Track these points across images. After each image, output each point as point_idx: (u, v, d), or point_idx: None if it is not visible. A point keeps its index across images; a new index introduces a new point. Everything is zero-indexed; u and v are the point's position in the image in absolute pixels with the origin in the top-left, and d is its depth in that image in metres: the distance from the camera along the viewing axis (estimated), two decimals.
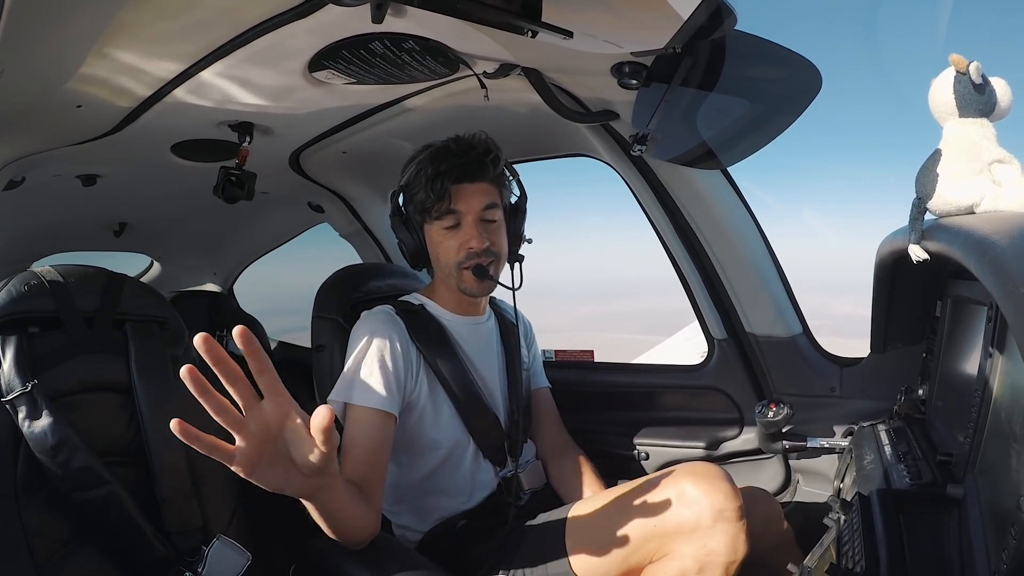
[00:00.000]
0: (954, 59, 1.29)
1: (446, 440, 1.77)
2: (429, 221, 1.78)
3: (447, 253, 1.78)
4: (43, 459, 1.44)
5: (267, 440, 1.07)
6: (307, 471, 1.11)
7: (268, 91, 1.69)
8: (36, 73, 1.46)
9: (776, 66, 1.54)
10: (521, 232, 1.90)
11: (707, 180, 1.95)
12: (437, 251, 1.80)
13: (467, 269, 1.77)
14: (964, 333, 1.47)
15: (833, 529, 1.25)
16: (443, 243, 1.78)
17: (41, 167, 2.03)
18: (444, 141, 1.78)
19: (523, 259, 1.88)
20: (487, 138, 1.80)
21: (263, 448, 1.07)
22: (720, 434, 2.23)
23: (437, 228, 1.78)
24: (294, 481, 1.12)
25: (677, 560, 1.44)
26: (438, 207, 1.74)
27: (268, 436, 1.07)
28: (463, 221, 1.76)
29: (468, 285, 1.80)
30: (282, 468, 1.10)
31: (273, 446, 1.08)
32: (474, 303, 1.90)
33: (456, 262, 1.77)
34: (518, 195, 1.90)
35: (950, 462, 1.30)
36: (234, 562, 1.59)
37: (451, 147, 1.76)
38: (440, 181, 1.72)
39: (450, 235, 1.77)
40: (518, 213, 1.89)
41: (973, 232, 1.05)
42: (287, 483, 1.12)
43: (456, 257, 1.77)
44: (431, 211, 1.76)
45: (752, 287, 2.08)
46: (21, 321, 1.56)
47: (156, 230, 3.27)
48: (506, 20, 1.19)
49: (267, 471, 1.09)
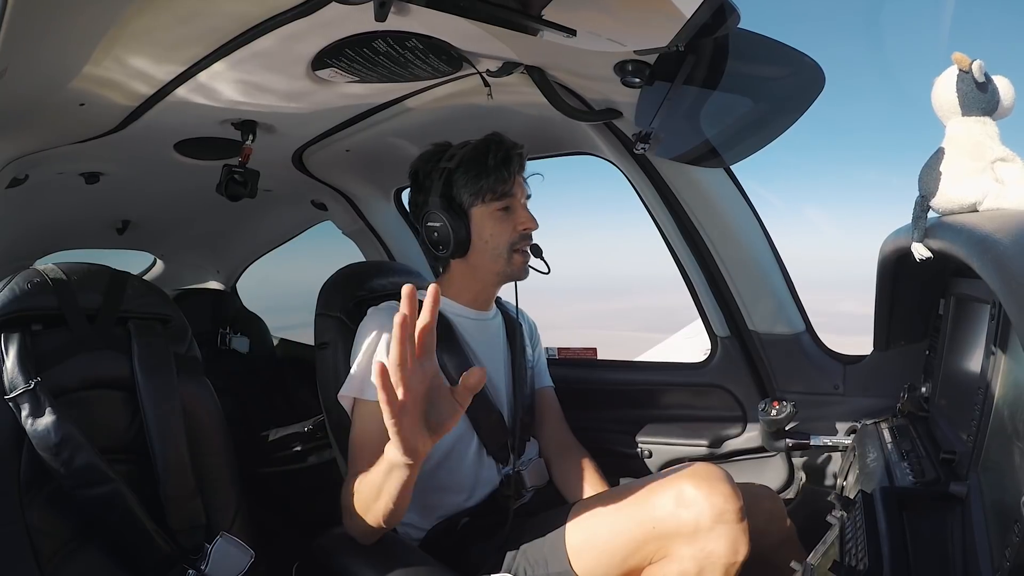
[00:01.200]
0: (957, 57, 1.29)
1: (450, 435, 1.77)
2: (483, 203, 1.81)
3: (500, 235, 1.82)
4: (46, 457, 1.44)
5: (422, 394, 1.20)
6: (435, 431, 1.24)
7: (271, 89, 1.70)
8: (39, 72, 1.46)
9: (779, 64, 1.54)
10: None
11: (710, 178, 1.95)
12: (487, 234, 1.82)
13: (518, 251, 1.84)
14: (967, 331, 1.47)
15: (836, 527, 1.25)
16: (497, 226, 1.82)
17: (44, 165, 2.04)
18: (488, 134, 1.85)
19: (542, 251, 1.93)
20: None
21: (417, 402, 1.19)
22: (723, 432, 2.23)
23: (491, 210, 1.82)
24: (422, 439, 1.23)
25: (676, 562, 1.44)
26: (501, 189, 1.80)
27: (423, 391, 1.20)
28: (515, 206, 1.84)
29: (516, 267, 1.85)
30: (418, 425, 1.22)
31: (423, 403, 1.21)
32: (489, 297, 1.95)
33: (510, 242, 1.83)
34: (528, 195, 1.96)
35: (953, 460, 1.30)
36: (237, 560, 1.60)
37: (502, 139, 1.84)
38: (508, 165, 1.80)
39: (503, 218, 1.82)
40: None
41: (976, 230, 1.05)
42: (416, 440, 1.23)
43: (510, 238, 1.83)
44: (493, 193, 1.80)
45: (755, 285, 2.08)
46: (24, 319, 1.56)
47: (159, 228, 3.27)
48: (509, 18, 1.19)
49: (410, 425, 1.20)
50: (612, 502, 1.57)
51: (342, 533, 1.59)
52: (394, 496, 1.37)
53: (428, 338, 1.16)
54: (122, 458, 1.59)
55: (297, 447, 2.81)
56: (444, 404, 1.22)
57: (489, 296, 1.95)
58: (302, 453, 2.80)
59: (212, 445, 1.73)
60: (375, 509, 1.42)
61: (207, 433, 1.72)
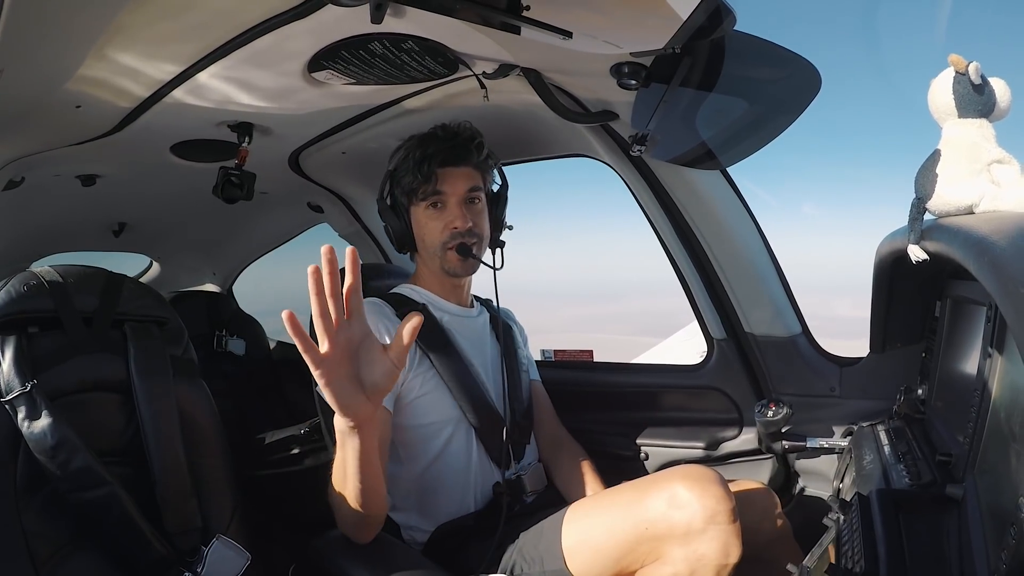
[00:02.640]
0: (953, 59, 1.29)
1: (444, 431, 1.78)
2: (415, 203, 1.86)
3: (432, 234, 1.85)
4: (42, 459, 1.44)
5: (349, 353, 1.20)
6: (372, 391, 1.24)
7: (267, 91, 1.70)
8: (36, 73, 1.46)
9: (775, 66, 1.54)
10: (502, 219, 1.97)
11: (706, 180, 1.95)
12: (423, 232, 1.86)
13: (451, 249, 1.84)
14: (963, 333, 1.47)
15: (832, 529, 1.25)
16: (428, 224, 1.85)
17: (40, 167, 2.03)
18: (431, 128, 1.86)
19: (504, 244, 1.97)
20: (471, 126, 1.88)
21: (344, 359, 1.20)
22: (720, 434, 2.23)
23: (422, 209, 1.85)
24: (358, 400, 1.24)
25: (669, 565, 1.44)
26: (424, 188, 1.82)
27: (351, 349, 1.21)
28: (448, 203, 1.84)
29: (451, 265, 1.86)
30: (352, 385, 1.22)
31: (351, 362, 1.21)
32: (458, 286, 1.95)
33: (441, 242, 1.84)
34: (500, 184, 1.99)
35: (949, 462, 1.30)
36: (233, 562, 1.60)
37: (438, 133, 1.85)
38: (428, 163, 1.80)
39: (435, 216, 1.84)
40: (499, 201, 1.97)
41: (972, 232, 1.05)
42: (353, 400, 1.23)
43: (441, 237, 1.84)
44: (417, 192, 1.83)
45: (751, 287, 2.08)
46: (20, 321, 1.56)
47: (155, 230, 3.27)
48: (505, 20, 1.19)
49: (343, 384, 1.21)
50: (607, 503, 1.58)
51: (338, 535, 1.59)
52: (357, 471, 1.36)
53: (354, 299, 1.18)
54: (118, 461, 1.59)
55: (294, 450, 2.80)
56: (378, 365, 1.22)
57: (457, 290, 1.96)
58: (298, 456, 2.79)
59: (208, 448, 1.73)
60: (348, 492, 1.42)
61: (203, 436, 1.73)
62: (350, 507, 1.45)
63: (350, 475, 1.38)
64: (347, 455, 1.35)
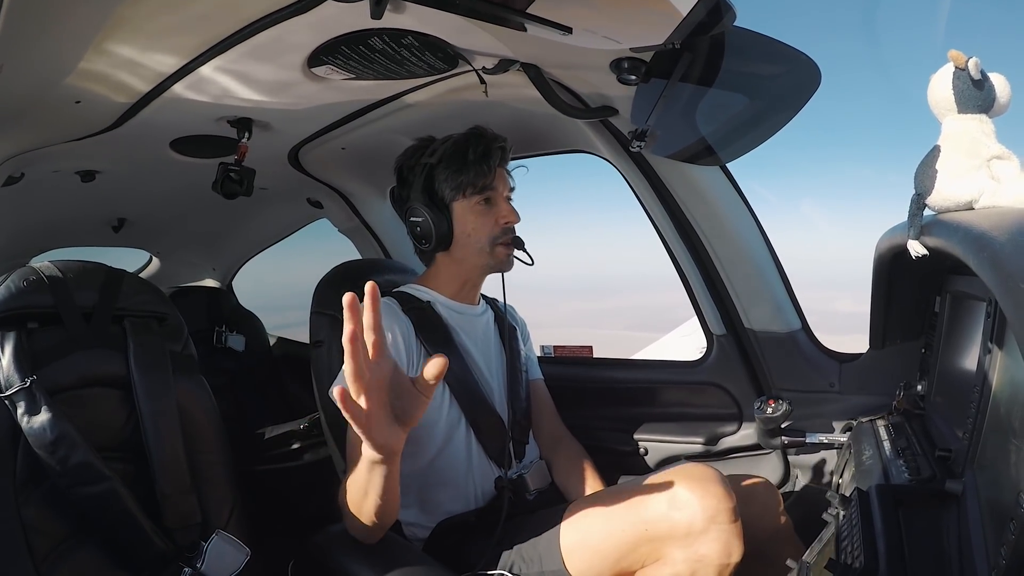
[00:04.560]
0: (953, 55, 1.29)
1: (444, 428, 1.78)
2: (463, 198, 1.84)
3: (482, 229, 1.85)
4: (42, 454, 1.44)
5: (382, 394, 1.19)
6: (404, 422, 1.23)
7: (267, 87, 1.69)
8: (34, 69, 1.46)
9: (775, 62, 1.54)
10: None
11: (706, 176, 1.95)
12: (468, 228, 1.85)
13: (501, 244, 1.86)
14: (963, 329, 1.47)
15: (832, 524, 1.26)
16: (477, 219, 1.85)
17: (40, 163, 2.03)
18: (471, 128, 1.87)
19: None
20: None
21: (380, 402, 1.19)
22: (719, 430, 2.23)
23: (472, 205, 1.84)
24: (396, 434, 1.24)
25: (669, 565, 1.44)
26: (482, 183, 1.82)
27: (383, 390, 1.19)
28: (497, 199, 1.86)
29: (499, 259, 1.88)
30: (386, 420, 1.21)
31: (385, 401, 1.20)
32: (475, 287, 1.96)
33: (491, 237, 1.86)
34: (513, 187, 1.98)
35: (949, 457, 1.30)
36: (233, 557, 1.60)
37: (484, 133, 1.86)
38: (489, 159, 1.83)
39: (485, 212, 1.85)
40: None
41: (972, 228, 1.05)
42: (389, 436, 1.23)
43: (492, 232, 1.86)
44: (473, 187, 1.83)
45: (751, 283, 2.08)
46: (20, 317, 1.56)
47: (155, 226, 3.27)
48: (505, 16, 1.19)
49: (381, 426, 1.21)
50: (606, 503, 1.57)
51: (338, 531, 1.59)
52: (379, 492, 1.37)
53: (378, 336, 1.15)
54: (118, 456, 1.59)
55: (293, 445, 2.81)
56: (407, 396, 1.22)
57: (474, 289, 1.97)
58: (298, 451, 2.80)
59: (208, 443, 1.73)
60: (366, 507, 1.42)
61: (203, 431, 1.73)
62: (365, 519, 1.46)
63: (371, 496, 1.39)
64: (372, 479, 1.35)
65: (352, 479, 1.43)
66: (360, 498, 1.42)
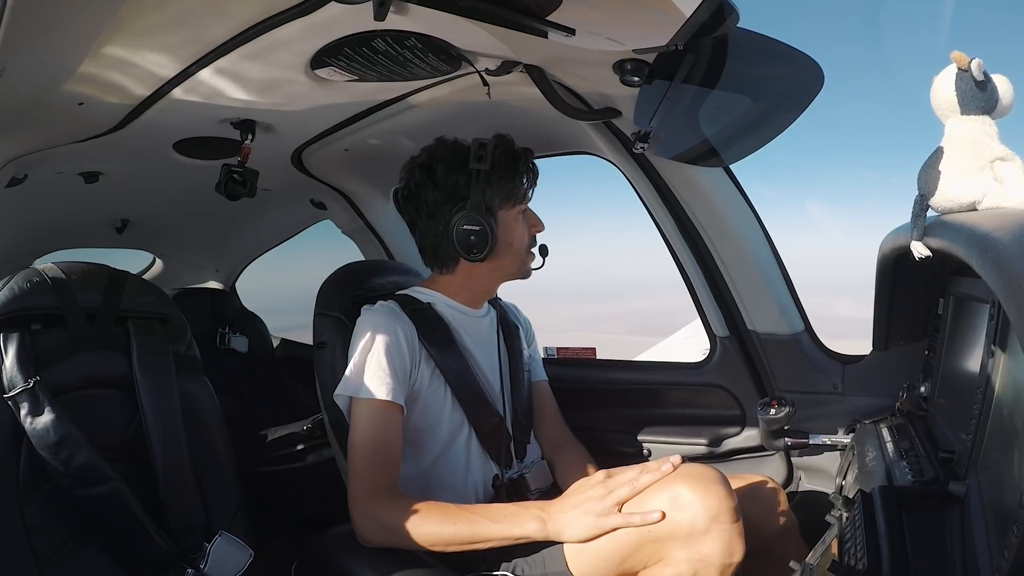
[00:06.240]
0: (956, 56, 1.29)
1: (446, 430, 1.78)
2: (509, 207, 1.82)
3: (522, 237, 1.86)
4: (45, 456, 1.44)
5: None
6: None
7: (270, 89, 1.69)
8: (38, 71, 1.46)
9: (778, 63, 1.54)
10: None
11: (710, 178, 1.95)
12: (512, 236, 1.84)
13: (532, 251, 1.90)
14: (966, 330, 1.47)
15: (835, 526, 1.25)
16: (518, 228, 1.85)
17: (43, 165, 2.03)
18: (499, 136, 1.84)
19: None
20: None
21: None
22: (722, 431, 2.23)
23: (515, 213, 1.84)
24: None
25: (671, 566, 1.43)
26: (526, 192, 1.86)
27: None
28: (527, 208, 1.88)
29: (530, 266, 1.91)
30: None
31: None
32: (485, 296, 1.97)
33: (527, 245, 1.88)
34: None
35: (952, 459, 1.30)
36: (236, 559, 1.60)
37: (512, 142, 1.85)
38: (532, 168, 1.86)
39: (522, 220, 1.86)
40: None
41: (975, 229, 1.05)
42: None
43: (528, 240, 1.88)
44: (519, 196, 1.83)
45: (754, 284, 2.08)
46: (23, 318, 1.56)
47: (158, 227, 3.27)
48: (508, 18, 1.19)
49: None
50: None
51: (341, 532, 1.59)
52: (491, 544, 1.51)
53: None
54: (121, 457, 1.59)
55: (296, 446, 2.81)
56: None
57: (490, 295, 1.98)
58: (301, 452, 2.80)
59: (211, 444, 1.73)
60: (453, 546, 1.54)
61: (206, 432, 1.73)
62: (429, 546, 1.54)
63: (481, 545, 1.51)
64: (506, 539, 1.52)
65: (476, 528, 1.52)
66: (463, 541, 1.52)
